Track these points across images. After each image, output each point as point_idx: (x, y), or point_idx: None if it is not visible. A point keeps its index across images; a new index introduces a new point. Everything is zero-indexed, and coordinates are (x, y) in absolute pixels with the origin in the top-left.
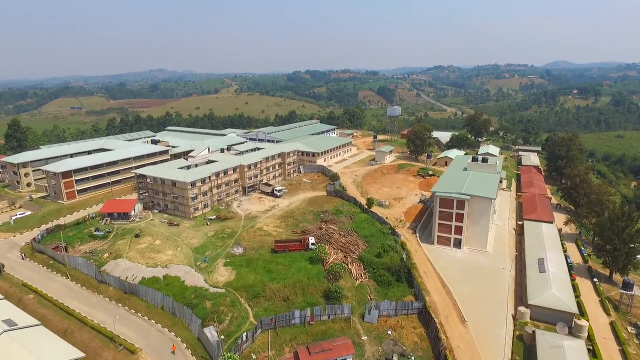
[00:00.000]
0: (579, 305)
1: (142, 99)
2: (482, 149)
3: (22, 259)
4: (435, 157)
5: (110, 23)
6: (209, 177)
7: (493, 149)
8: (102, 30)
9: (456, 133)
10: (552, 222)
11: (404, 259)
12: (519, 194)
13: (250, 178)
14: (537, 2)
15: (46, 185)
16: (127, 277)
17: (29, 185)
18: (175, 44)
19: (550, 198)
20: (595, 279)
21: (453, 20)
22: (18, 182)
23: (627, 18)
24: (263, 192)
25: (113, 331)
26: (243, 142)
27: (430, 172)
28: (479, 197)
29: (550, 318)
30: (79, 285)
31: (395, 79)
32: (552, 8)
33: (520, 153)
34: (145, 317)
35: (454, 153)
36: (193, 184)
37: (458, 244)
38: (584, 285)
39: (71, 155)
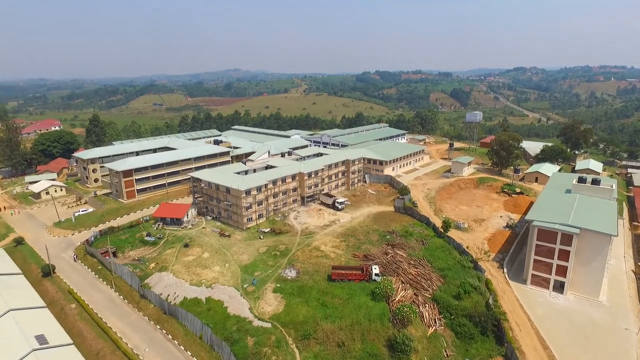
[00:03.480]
0: None
1: (216, 97)
2: (581, 164)
3: (75, 260)
4: (522, 172)
5: (194, 25)
6: (265, 185)
7: (595, 165)
8: (185, 32)
9: (549, 144)
10: None
11: (491, 305)
12: (635, 223)
13: (310, 187)
14: None
15: (110, 182)
16: (168, 295)
17: (96, 181)
18: (251, 44)
19: None
20: None
21: (536, 16)
22: (87, 178)
23: None
24: (323, 204)
25: None
26: (306, 146)
27: (518, 190)
28: (594, 232)
29: None
30: (121, 297)
31: (471, 80)
32: None
33: (629, 170)
34: (182, 347)
35: (546, 168)
36: (248, 192)
37: (560, 287)
38: None
39: (137, 153)
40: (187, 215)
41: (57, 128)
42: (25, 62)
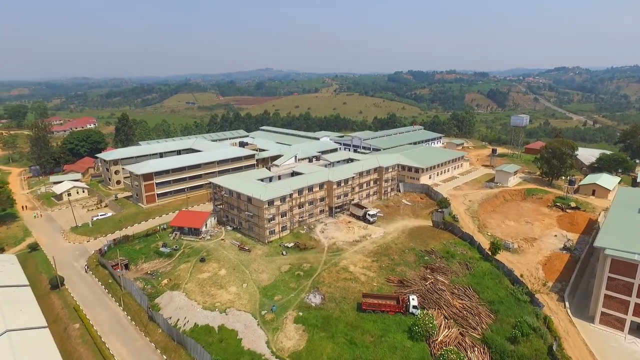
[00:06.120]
0: None
1: (248, 96)
2: None
3: (86, 271)
4: (577, 183)
5: (226, 24)
6: (290, 194)
7: None
8: (219, 32)
9: (607, 152)
10: None
11: (555, 351)
12: None
13: (339, 197)
14: None
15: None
16: (178, 320)
17: (118, 183)
18: (283, 44)
19: None
20: None
21: (580, 12)
22: (110, 179)
23: None
24: (353, 215)
25: None
26: (335, 149)
27: (573, 204)
28: None
29: None
30: (129, 317)
31: (508, 81)
32: None
33: None
34: None
35: (605, 180)
36: (271, 202)
37: (638, 330)
38: None
39: (161, 155)
40: (206, 224)
41: (92, 126)
42: (71, 62)
